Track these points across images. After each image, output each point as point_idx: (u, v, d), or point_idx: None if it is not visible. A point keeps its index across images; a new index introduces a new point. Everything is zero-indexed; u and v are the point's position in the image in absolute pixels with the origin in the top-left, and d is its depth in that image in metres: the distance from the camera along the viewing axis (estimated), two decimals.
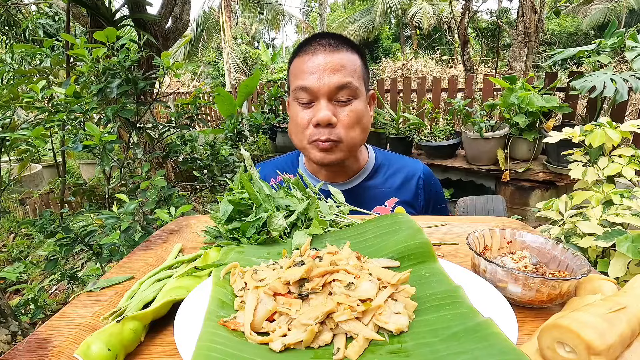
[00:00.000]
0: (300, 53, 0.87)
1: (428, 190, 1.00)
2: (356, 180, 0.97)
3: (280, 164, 1.06)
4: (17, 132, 1.41)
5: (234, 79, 10.17)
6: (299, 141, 0.90)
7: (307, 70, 0.84)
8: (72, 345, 0.40)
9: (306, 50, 0.86)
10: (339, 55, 0.84)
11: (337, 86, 0.82)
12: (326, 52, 0.84)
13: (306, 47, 0.87)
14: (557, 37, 11.58)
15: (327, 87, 0.82)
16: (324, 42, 0.85)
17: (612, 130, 1.34)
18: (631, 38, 2.40)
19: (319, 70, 0.82)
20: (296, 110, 0.88)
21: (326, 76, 0.82)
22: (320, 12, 7.87)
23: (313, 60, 0.83)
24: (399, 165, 1.02)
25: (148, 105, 1.77)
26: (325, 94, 0.83)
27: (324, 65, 0.82)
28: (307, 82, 0.83)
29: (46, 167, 4.85)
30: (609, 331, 0.31)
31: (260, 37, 17.31)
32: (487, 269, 0.47)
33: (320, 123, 0.83)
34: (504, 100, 2.77)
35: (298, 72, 0.86)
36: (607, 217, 1.14)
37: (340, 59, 0.83)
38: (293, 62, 0.90)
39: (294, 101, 0.89)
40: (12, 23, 4.27)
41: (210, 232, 0.66)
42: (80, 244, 1.42)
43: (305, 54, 0.85)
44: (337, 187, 0.94)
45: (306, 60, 0.84)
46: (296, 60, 0.88)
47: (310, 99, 0.85)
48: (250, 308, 0.40)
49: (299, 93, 0.85)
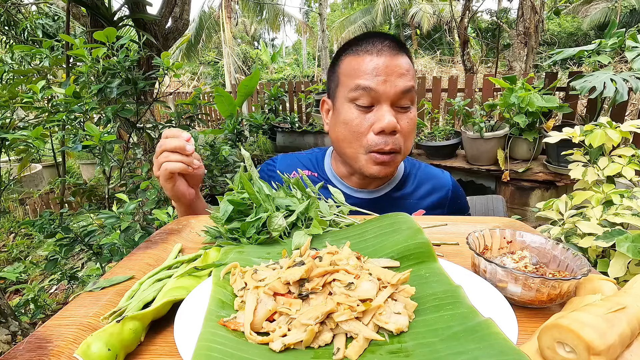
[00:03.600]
0: (358, 51, 0.81)
1: (456, 202, 0.98)
2: (385, 189, 0.93)
3: (303, 160, 1.00)
4: (17, 132, 1.41)
5: (234, 79, 10.17)
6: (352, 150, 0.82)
7: (370, 70, 0.77)
8: (72, 345, 0.40)
9: (368, 50, 0.79)
10: (403, 59, 0.79)
11: (403, 91, 0.77)
12: (391, 54, 0.78)
13: (366, 45, 0.80)
14: (557, 37, 11.59)
15: (393, 90, 0.77)
16: (388, 44, 0.79)
17: (612, 130, 1.34)
18: (631, 38, 2.40)
19: (385, 72, 0.76)
20: (352, 113, 0.80)
21: (393, 79, 0.77)
22: (320, 12, 7.86)
23: (377, 61, 0.77)
24: (427, 175, 0.98)
25: (148, 105, 1.77)
26: (389, 98, 0.77)
27: (391, 68, 0.77)
28: (372, 83, 0.76)
29: (46, 167, 4.85)
30: (609, 331, 0.31)
31: (260, 37, 17.31)
32: (487, 269, 0.47)
33: (385, 130, 0.77)
34: (504, 100, 2.77)
35: (357, 71, 0.79)
36: (607, 217, 1.14)
37: (405, 62, 0.79)
38: (346, 59, 0.83)
39: (348, 102, 0.81)
40: (12, 23, 4.27)
41: (210, 232, 0.66)
42: (80, 244, 1.42)
43: (367, 53, 0.79)
44: (364, 196, 0.92)
45: (368, 59, 0.78)
46: (352, 57, 0.81)
47: (372, 102, 0.78)
48: (250, 308, 0.40)
49: (358, 94, 0.78)
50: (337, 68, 0.85)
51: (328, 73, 0.91)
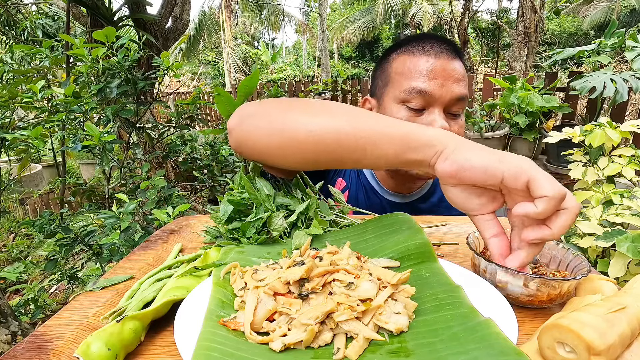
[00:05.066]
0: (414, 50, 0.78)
1: None
2: (416, 196, 0.93)
3: None
4: (17, 132, 1.41)
5: (234, 79, 10.17)
6: None
7: (426, 72, 0.75)
8: (72, 345, 0.40)
9: (426, 51, 0.77)
10: (459, 64, 0.77)
11: (459, 97, 0.75)
12: (448, 58, 0.76)
13: (422, 46, 0.78)
14: (557, 37, 11.59)
15: (449, 95, 0.74)
16: (446, 47, 0.77)
17: (612, 130, 1.34)
18: (631, 38, 2.40)
19: (442, 76, 0.74)
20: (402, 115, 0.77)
21: (450, 84, 0.75)
22: (320, 12, 7.87)
23: (435, 64, 0.75)
24: None
25: (148, 105, 1.77)
26: (443, 103, 0.75)
27: (448, 72, 0.75)
28: (428, 86, 0.74)
29: (46, 167, 4.84)
30: (609, 331, 0.31)
31: (260, 37, 17.31)
32: (487, 269, 0.47)
33: None
34: (504, 100, 2.77)
35: (411, 71, 0.76)
36: (607, 217, 1.14)
37: (461, 68, 0.77)
38: (399, 58, 0.80)
39: (399, 103, 0.78)
40: (12, 23, 4.27)
41: (210, 232, 0.66)
42: (80, 244, 1.42)
43: (423, 54, 0.77)
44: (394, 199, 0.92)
45: (423, 61, 0.76)
46: (407, 57, 0.78)
47: (424, 105, 0.76)
48: (250, 308, 0.40)
49: (412, 95, 0.75)
50: (388, 66, 0.83)
51: (374, 71, 0.88)
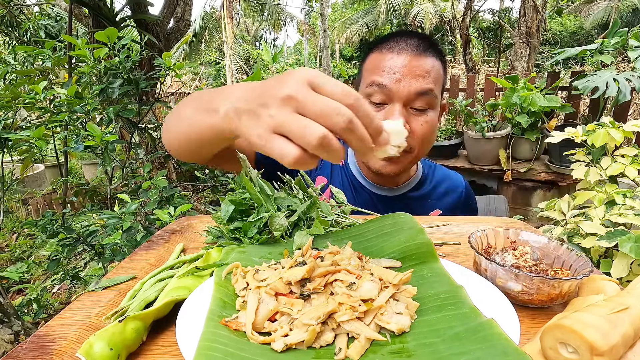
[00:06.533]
0: (381, 47, 0.81)
1: (467, 203, 0.99)
2: (403, 189, 0.94)
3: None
4: (20, 133, 1.42)
5: (236, 79, 10.19)
6: None
7: (387, 68, 0.77)
8: (74, 344, 0.40)
9: (390, 47, 0.79)
10: (425, 59, 0.77)
11: (418, 92, 0.76)
12: (413, 54, 0.77)
13: (390, 43, 0.80)
14: (560, 37, 11.55)
15: (406, 91, 0.76)
16: (412, 43, 0.78)
17: (614, 130, 1.33)
18: (634, 37, 2.39)
19: (401, 71, 0.76)
20: None
21: (408, 79, 0.76)
22: (321, 12, 7.87)
23: (396, 59, 0.77)
24: (442, 177, 1.00)
25: (150, 105, 1.77)
26: (402, 98, 0.76)
27: (409, 68, 0.76)
28: (385, 80, 0.76)
29: (49, 167, 4.86)
30: (612, 332, 0.31)
31: (261, 37, 17.33)
32: (488, 268, 0.47)
33: None
34: (506, 100, 2.76)
35: (376, 67, 0.79)
36: (609, 217, 1.13)
37: (427, 64, 0.77)
38: (371, 56, 0.83)
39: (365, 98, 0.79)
40: (14, 24, 4.29)
41: (212, 232, 0.66)
42: (82, 244, 1.42)
43: (388, 51, 0.79)
44: (383, 193, 0.93)
45: (388, 57, 0.78)
46: (375, 54, 0.82)
47: (384, 99, 0.78)
48: (252, 308, 0.40)
49: (372, 89, 0.78)
50: (363, 63, 0.86)
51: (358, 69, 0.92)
